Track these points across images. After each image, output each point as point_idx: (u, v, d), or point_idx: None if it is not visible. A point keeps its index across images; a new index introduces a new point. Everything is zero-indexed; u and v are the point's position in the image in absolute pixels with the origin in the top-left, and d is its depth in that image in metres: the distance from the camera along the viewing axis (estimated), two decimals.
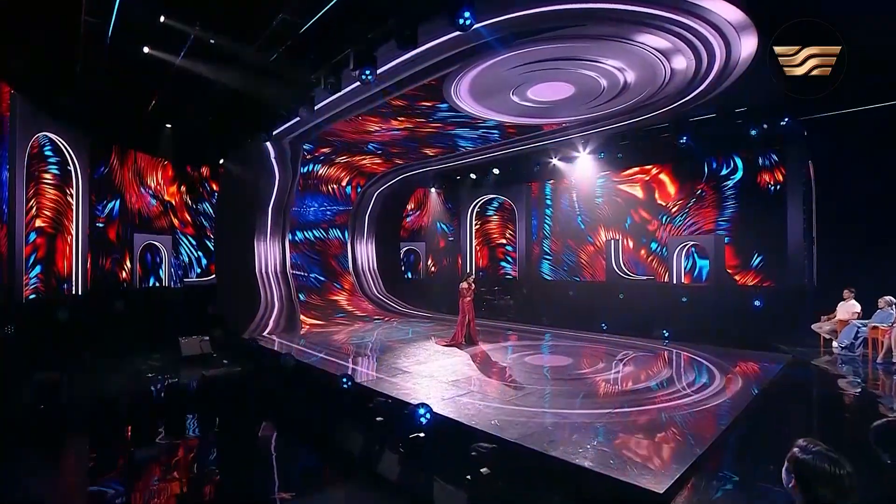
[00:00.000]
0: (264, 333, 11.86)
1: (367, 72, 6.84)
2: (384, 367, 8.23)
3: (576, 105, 10.07)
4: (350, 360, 9.11)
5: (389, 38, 6.58)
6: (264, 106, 8.89)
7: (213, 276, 13.33)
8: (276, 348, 10.17)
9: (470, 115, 10.51)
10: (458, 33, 6.19)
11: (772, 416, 5.76)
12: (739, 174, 12.45)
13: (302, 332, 12.42)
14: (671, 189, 13.81)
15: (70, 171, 9.98)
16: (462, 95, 9.09)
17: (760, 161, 12.04)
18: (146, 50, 7.36)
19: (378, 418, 6.12)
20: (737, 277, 12.33)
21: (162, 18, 6.55)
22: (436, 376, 7.46)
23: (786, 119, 10.47)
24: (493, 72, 8.21)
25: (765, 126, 10.76)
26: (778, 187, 11.71)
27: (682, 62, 7.93)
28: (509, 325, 13.36)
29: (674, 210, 13.69)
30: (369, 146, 13.51)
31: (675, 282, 13.41)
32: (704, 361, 8.41)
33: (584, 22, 6.60)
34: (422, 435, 5.55)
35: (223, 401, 7.08)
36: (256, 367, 9.12)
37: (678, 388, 6.65)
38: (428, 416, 5.48)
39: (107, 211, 11.14)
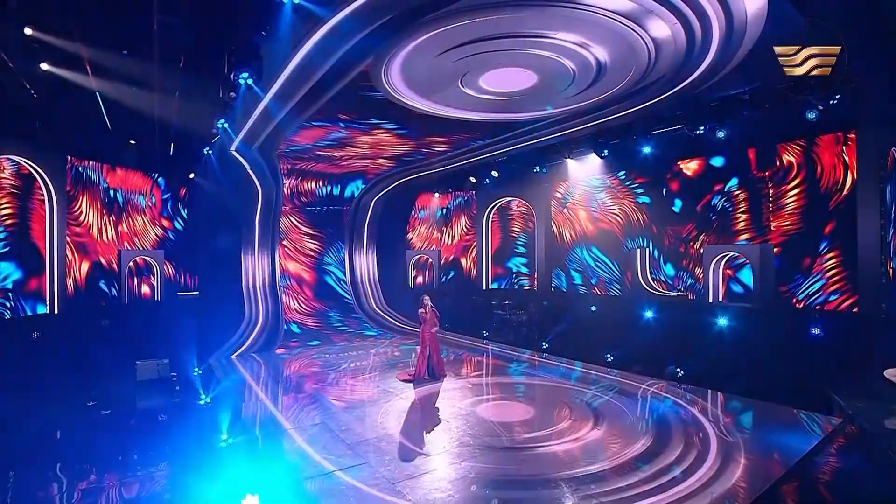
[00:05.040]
0: (236, 354, 11.34)
1: (245, 74, 5.74)
2: (301, 412, 7.16)
3: (552, 94, 8.21)
4: (270, 398, 8.05)
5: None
6: (188, 122, 8.16)
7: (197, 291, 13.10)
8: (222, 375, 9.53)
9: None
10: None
11: None
12: (791, 166, 9.80)
13: (278, 351, 11.82)
14: (706, 187, 11.29)
15: (41, 189, 9.98)
16: (399, 89, 7.64)
17: (819, 149, 9.36)
18: (45, 67, 6.87)
19: None
20: (790, 298, 9.73)
21: (28, 31, 5.95)
22: (345, 432, 6.23)
23: (851, 94, 7.84)
24: (421, 61, 6.72)
25: (820, 107, 8.17)
26: (845, 182, 8.99)
27: (662, 28, 5.93)
28: (509, 352, 11.73)
29: (710, 212, 11.18)
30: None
31: (710, 300, 10.96)
32: (708, 424, 6.37)
33: None
34: None
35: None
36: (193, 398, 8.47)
37: (646, 477, 4.83)
38: None
39: (85, 226, 11.10)
